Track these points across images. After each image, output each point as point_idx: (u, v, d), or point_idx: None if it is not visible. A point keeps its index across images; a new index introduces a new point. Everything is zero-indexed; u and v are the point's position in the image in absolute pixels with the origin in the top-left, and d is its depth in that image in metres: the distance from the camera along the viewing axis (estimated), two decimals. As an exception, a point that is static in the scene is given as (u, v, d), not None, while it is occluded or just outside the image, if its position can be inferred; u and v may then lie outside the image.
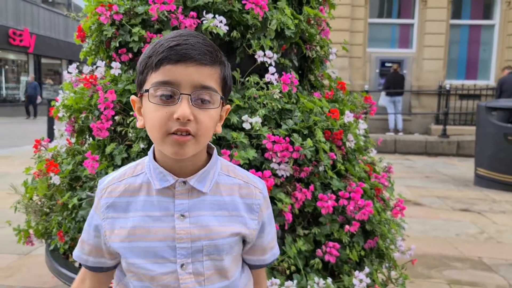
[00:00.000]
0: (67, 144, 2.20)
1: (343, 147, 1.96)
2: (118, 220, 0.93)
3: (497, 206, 5.07)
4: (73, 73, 2.04)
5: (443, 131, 9.71)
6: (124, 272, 0.98)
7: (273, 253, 1.06)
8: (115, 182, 0.95)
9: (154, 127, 0.85)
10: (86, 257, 0.99)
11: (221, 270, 0.94)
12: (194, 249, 0.91)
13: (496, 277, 3.05)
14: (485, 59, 11.68)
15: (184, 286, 0.91)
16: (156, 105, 0.84)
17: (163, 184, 0.91)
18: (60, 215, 2.14)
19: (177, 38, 0.85)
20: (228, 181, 0.96)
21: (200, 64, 0.84)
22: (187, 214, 0.91)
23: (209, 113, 0.86)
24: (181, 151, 0.85)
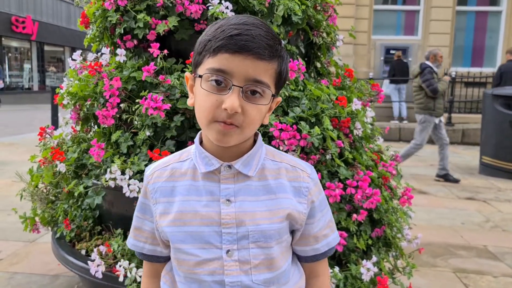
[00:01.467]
0: (72, 132, 2.18)
1: (351, 135, 1.94)
2: (165, 204, 0.93)
3: (503, 195, 5.05)
4: (78, 60, 2.02)
5: (448, 119, 9.65)
6: (171, 263, 0.98)
7: (327, 242, 0.99)
8: (160, 167, 0.96)
9: (203, 112, 0.85)
10: (142, 245, 1.00)
11: (269, 259, 0.92)
12: (240, 235, 0.90)
13: (501, 265, 3.04)
14: (492, 46, 11.56)
15: (228, 273, 0.90)
16: (206, 91, 0.84)
17: (208, 168, 0.91)
18: (66, 203, 2.14)
19: (240, 26, 0.83)
20: (273, 165, 0.95)
21: (258, 58, 0.82)
22: (232, 199, 0.90)
23: (258, 107, 0.85)
24: (225, 139, 0.85)
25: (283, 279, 0.95)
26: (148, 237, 0.99)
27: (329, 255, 1.02)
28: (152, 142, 1.86)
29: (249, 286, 0.90)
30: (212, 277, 0.90)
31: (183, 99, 1.80)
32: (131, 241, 1.01)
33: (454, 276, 2.84)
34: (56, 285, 2.58)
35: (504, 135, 5.86)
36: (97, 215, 2.07)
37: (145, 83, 1.91)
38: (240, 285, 0.90)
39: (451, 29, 11.25)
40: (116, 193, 1.86)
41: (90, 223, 2.06)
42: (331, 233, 1.01)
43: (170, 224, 0.92)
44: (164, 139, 1.86)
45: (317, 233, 0.98)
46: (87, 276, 1.84)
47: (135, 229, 1.01)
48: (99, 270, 1.74)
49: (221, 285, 0.90)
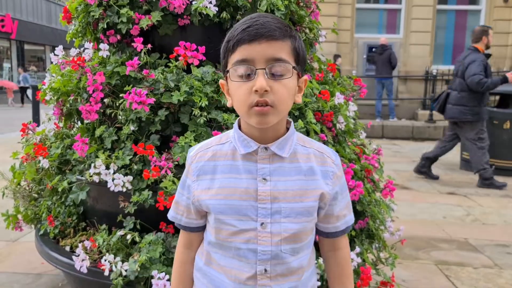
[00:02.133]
0: (55, 128, 2.17)
1: (334, 128, 1.97)
2: (208, 181, 1.04)
3: (482, 189, 5.15)
4: (60, 55, 2.00)
5: (429, 116, 9.79)
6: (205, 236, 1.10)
7: (346, 221, 1.13)
8: (203, 149, 1.07)
9: (239, 102, 0.96)
10: (179, 217, 1.12)
11: (297, 233, 1.03)
12: (274, 210, 1.01)
13: (481, 257, 3.11)
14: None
15: (261, 243, 1.01)
16: (238, 83, 0.95)
17: (247, 150, 1.01)
18: (50, 200, 2.13)
19: (248, 21, 0.96)
20: (304, 150, 1.06)
21: (271, 39, 0.94)
22: (268, 178, 1.01)
23: (283, 83, 0.95)
24: (264, 120, 0.95)
25: (306, 249, 1.08)
26: (184, 211, 1.11)
27: (346, 232, 1.15)
28: (137, 137, 1.86)
29: (277, 255, 1.02)
30: (247, 245, 1.02)
31: (167, 94, 1.81)
32: (172, 213, 1.15)
33: (436, 268, 2.90)
34: (39, 284, 2.56)
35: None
36: (81, 211, 2.06)
37: (129, 78, 1.90)
38: (270, 253, 1.02)
39: (432, 27, 11.41)
40: (101, 188, 1.86)
41: (74, 219, 2.05)
42: (349, 214, 1.14)
43: (212, 198, 1.03)
44: (148, 133, 1.86)
45: (338, 213, 1.10)
46: (72, 272, 1.83)
47: (175, 202, 1.14)
48: (84, 265, 1.73)
49: (254, 252, 1.02)
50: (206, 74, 1.85)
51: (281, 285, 1.03)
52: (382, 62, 10.25)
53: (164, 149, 1.83)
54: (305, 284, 1.09)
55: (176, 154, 1.73)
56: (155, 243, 1.72)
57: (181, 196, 1.11)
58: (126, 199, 1.80)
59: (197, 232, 1.14)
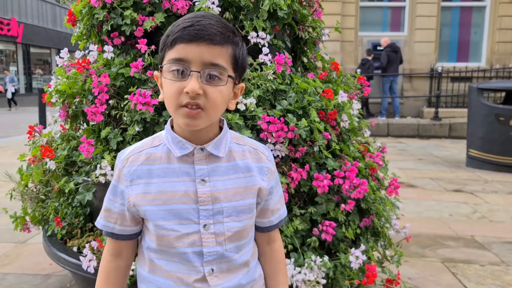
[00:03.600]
0: (61, 130, 2.19)
1: (338, 127, 1.97)
2: (143, 186, 1.01)
3: (489, 186, 5.13)
4: (65, 57, 2.02)
5: (435, 114, 9.76)
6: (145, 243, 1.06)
7: (280, 214, 1.16)
8: (135, 153, 1.04)
9: (169, 99, 0.95)
10: (112, 225, 1.07)
11: (240, 231, 1.04)
12: (215, 210, 1.01)
13: (488, 255, 3.10)
14: (476, 41, 11.71)
15: (206, 245, 1.00)
16: (170, 80, 0.93)
17: (183, 152, 1.00)
18: (57, 201, 2.15)
19: (191, 19, 0.93)
20: (238, 148, 1.06)
21: (211, 44, 0.92)
22: (207, 179, 1.00)
23: (218, 89, 0.93)
24: (192, 123, 0.94)
25: (249, 244, 1.10)
26: (117, 218, 1.06)
27: (280, 225, 1.19)
28: (142, 138, 1.87)
29: (223, 254, 1.02)
30: (192, 248, 1.00)
31: (172, 94, 1.82)
32: (101, 221, 1.09)
33: (443, 266, 2.89)
34: (47, 285, 2.58)
35: (490, 128, 5.95)
36: (88, 212, 2.08)
37: (134, 79, 1.92)
38: (216, 254, 1.02)
39: (437, 24, 11.37)
40: (107, 189, 1.87)
41: (81, 220, 2.07)
42: (282, 207, 1.17)
43: (150, 204, 1.00)
44: (153, 134, 1.87)
45: (273, 207, 1.13)
46: (79, 272, 1.84)
47: (105, 210, 1.08)
48: (91, 265, 1.75)
49: (199, 255, 1.01)
50: (209, 75, 1.85)
51: (229, 281, 1.04)
52: (397, 61, 10.25)
53: (169, 149, 1.84)
54: (253, 274, 1.10)
55: (181, 154, 1.74)
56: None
57: (113, 203, 1.05)
58: (132, 199, 1.81)
59: (129, 240, 1.10)
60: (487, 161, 6.01)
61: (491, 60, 11.34)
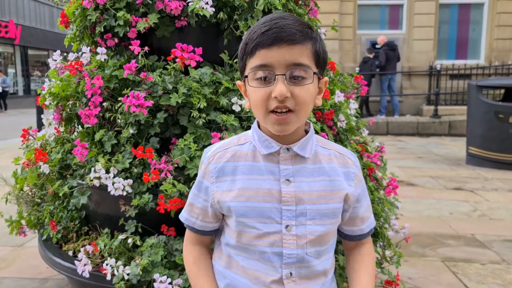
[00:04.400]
0: (55, 133, 2.17)
1: (335, 127, 1.95)
2: (228, 182, 1.01)
3: (489, 184, 5.11)
4: (58, 60, 2.00)
5: (434, 112, 9.74)
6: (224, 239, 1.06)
7: (369, 223, 1.12)
8: (221, 150, 1.04)
9: (256, 106, 0.95)
10: (194, 220, 1.09)
11: (323, 235, 1.01)
12: (298, 212, 0.99)
13: (489, 253, 3.08)
14: (475, 38, 11.68)
15: (286, 246, 0.99)
16: (255, 88, 0.94)
17: (269, 150, 0.99)
18: (52, 205, 2.13)
19: (268, 23, 0.93)
20: (324, 152, 1.05)
21: (291, 44, 0.91)
22: (292, 179, 0.99)
23: (305, 88, 0.93)
24: (283, 128, 0.94)
25: (330, 251, 1.06)
26: (199, 213, 1.08)
27: (371, 233, 1.14)
28: (136, 140, 1.85)
29: (303, 258, 1.00)
30: (271, 248, 0.99)
31: (166, 96, 1.80)
32: (185, 215, 1.11)
33: (443, 265, 2.87)
34: (45, 288, 2.57)
35: (489, 125, 5.93)
36: (83, 215, 2.06)
37: (128, 81, 1.90)
38: (296, 257, 0.99)
39: (435, 22, 11.35)
40: (102, 192, 1.85)
41: (77, 224, 2.05)
42: (371, 215, 1.13)
43: (234, 200, 1.00)
44: (148, 136, 1.85)
45: (363, 215, 1.10)
46: (74, 276, 1.82)
47: (189, 204, 1.10)
48: (86, 269, 1.73)
49: (279, 256, 0.99)
50: (204, 76, 1.83)
51: None
52: (395, 59, 10.24)
53: (164, 151, 1.82)
54: (329, 286, 1.07)
55: (175, 157, 1.72)
56: (156, 246, 1.71)
57: (197, 198, 1.08)
58: (127, 202, 1.79)
59: (209, 236, 1.12)
60: (487, 159, 5.99)
61: (490, 57, 11.31)
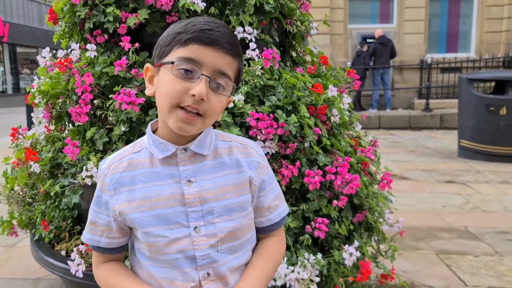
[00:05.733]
0: (45, 131, 2.13)
1: (328, 122, 1.94)
2: (126, 193, 0.97)
3: (481, 176, 5.14)
4: (47, 57, 1.97)
5: (426, 105, 9.78)
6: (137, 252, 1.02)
7: (279, 212, 1.09)
8: (116, 160, 1.00)
9: (167, 96, 0.90)
10: (98, 238, 1.03)
11: (234, 231, 0.99)
12: (205, 211, 0.96)
13: (482, 245, 3.10)
14: (465, 32, 11.73)
15: (198, 248, 0.96)
16: (175, 78, 0.89)
17: (165, 153, 0.96)
18: (43, 204, 2.10)
19: (210, 23, 0.92)
20: (224, 145, 1.02)
21: (226, 53, 0.91)
22: (193, 179, 0.96)
23: (220, 98, 0.92)
24: (187, 128, 0.91)
25: (246, 246, 1.04)
26: (103, 230, 1.02)
27: (282, 224, 1.11)
28: (128, 138, 1.83)
29: (216, 257, 0.97)
30: (183, 253, 0.96)
31: (158, 93, 1.77)
32: (87, 235, 1.04)
33: (437, 258, 2.89)
34: (38, 289, 2.54)
35: (481, 118, 5.96)
36: (76, 214, 2.03)
37: (118, 78, 1.87)
38: (209, 257, 0.97)
39: (426, 15, 11.37)
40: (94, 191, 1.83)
41: (69, 223, 2.02)
42: (282, 204, 1.10)
43: (135, 211, 0.96)
44: (140, 133, 1.83)
45: (269, 204, 1.07)
46: (68, 276, 1.80)
47: (90, 223, 1.03)
48: (80, 269, 1.71)
49: (192, 260, 0.96)
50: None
51: (227, 286, 1.00)
52: (387, 53, 10.24)
53: (156, 149, 1.80)
54: None
55: (168, 154, 1.70)
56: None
57: (98, 214, 1.01)
58: (120, 201, 1.77)
59: (118, 254, 1.06)
60: (478, 151, 6.02)
61: (481, 50, 11.37)
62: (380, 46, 10.24)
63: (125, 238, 1.04)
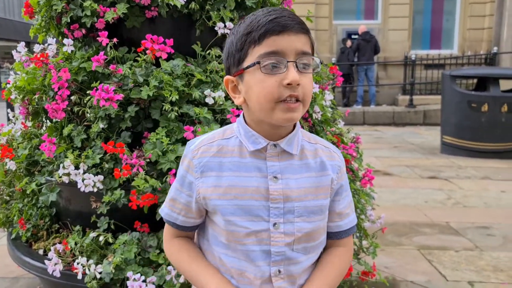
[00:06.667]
0: (22, 128, 2.09)
1: (310, 119, 1.93)
2: (214, 178, 0.97)
3: (463, 172, 5.20)
4: (22, 52, 1.92)
5: (409, 101, 9.86)
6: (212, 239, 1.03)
7: (350, 220, 1.08)
8: (206, 143, 1.00)
9: (265, 96, 0.90)
10: (176, 215, 1.04)
11: (311, 232, 1.00)
12: (286, 209, 0.97)
13: (463, 240, 3.14)
14: (449, 29, 11.84)
15: (274, 244, 0.97)
16: (265, 75, 0.89)
17: (256, 146, 0.96)
18: (21, 202, 2.06)
19: (272, 12, 0.92)
20: (310, 147, 1.03)
21: (299, 33, 0.91)
22: (279, 176, 0.97)
23: (309, 77, 0.93)
24: (292, 116, 0.91)
25: (318, 248, 1.05)
26: (182, 209, 1.03)
27: (350, 233, 1.09)
28: (107, 135, 1.80)
29: (290, 255, 0.98)
30: (260, 246, 0.97)
31: (136, 89, 1.74)
32: (166, 210, 1.06)
33: (419, 253, 2.91)
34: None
35: (463, 114, 6.03)
36: (53, 213, 1.99)
37: (96, 74, 1.83)
38: (284, 254, 0.98)
39: (410, 12, 11.45)
40: (72, 189, 1.79)
41: (47, 222, 1.98)
42: (352, 213, 1.09)
43: (221, 198, 0.97)
44: (119, 130, 1.80)
45: (341, 211, 1.06)
46: (45, 276, 1.77)
47: (171, 199, 1.05)
48: (57, 269, 1.67)
49: (267, 254, 0.97)
50: (176, 68, 1.79)
51: (294, 286, 1.00)
52: (370, 49, 10.28)
53: (135, 146, 1.77)
54: None
55: (147, 151, 1.67)
56: (129, 243, 1.67)
57: (180, 193, 1.03)
58: (98, 199, 1.74)
59: (190, 232, 1.09)
60: (460, 147, 6.10)
61: (463, 47, 11.49)
62: (364, 43, 10.29)
63: (201, 219, 1.05)
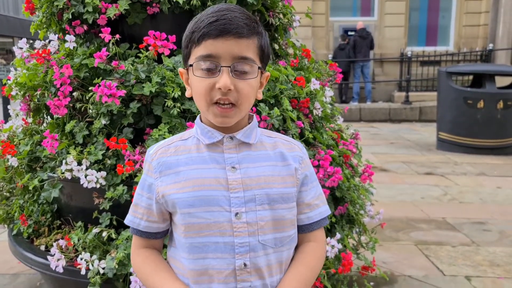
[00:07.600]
0: (23, 124, 2.09)
1: (310, 115, 1.95)
2: (172, 176, 0.99)
3: (459, 168, 5.24)
4: (24, 48, 1.92)
5: (405, 98, 9.89)
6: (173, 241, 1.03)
7: (320, 211, 1.08)
8: (164, 146, 1.03)
9: (199, 96, 0.94)
10: (138, 221, 1.05)
11: (275, 221, 0.99)
12: (247, 198, 0.97)
13: (459, 235, 3.17)
14: (445, 26, 11.87)
15: (237, 235, 0.96)
16: (200, 78, 0.93)
17: (212, 140, 0.99)
18: (22, 198, 2.06)
19: (215, 13, 0.92)
20: (269, 140, 1.05)
21: (238, 37, 0.91)
22: (237, 166, 0.98)
23: (248, 82, 0.93)
24: (226, 121, 0.94)
25: (288, 244, 1.02)
26: (144, 213, 1.04)
27: (322, 225, 1.09)
28: (109, 131, 1.80)
29: (256, 246, 0.97)
30: (223, 238, 0.96)
31: (139, 85, 1.75)
32: (129, 217, 1.07)
33: (416, 248, 2.94)
34: (16, 284, 2.50)
35: (459, 111, 6.06)
36: (55, 209, 2.00)
37: (99, 70, 1.84)
38: (248, 245, 0.96)
39: (406, 9, 11.47)
40: (74, 185, 1.80)
41: (49, 218, 1.99)
42: (322, 205, 1.09)
43: (179, 191, 0.97)
44: (121, 127, 1.81)
45: (310, 201, 1.06)
46: (48, 272, 1.77)
47: (133, 205, 1.07)
48: (60, 264, 1.68)
49: (231, 246, 0.96)
50: (178, 64, 1.79)
51: (262, 281, 0.97)
52: (366, 46, 10.30)
53: (138, 142, 1.78)
54: None
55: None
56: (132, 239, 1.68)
57: (141, 197, 1.04)
58: (101, 195, 1.75)
59: (156, 240, 1.07)
60: (456, 144, 6.13)
61: (459, 43, 11.53)
62: (360, 39, 10.31)
63: (164, 224, 1.05)
